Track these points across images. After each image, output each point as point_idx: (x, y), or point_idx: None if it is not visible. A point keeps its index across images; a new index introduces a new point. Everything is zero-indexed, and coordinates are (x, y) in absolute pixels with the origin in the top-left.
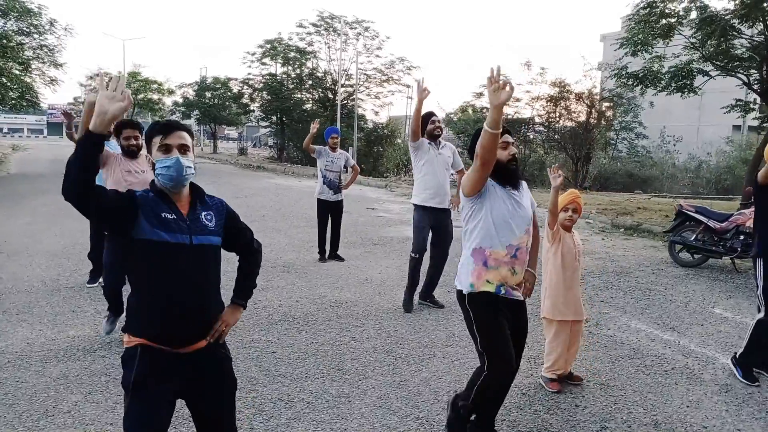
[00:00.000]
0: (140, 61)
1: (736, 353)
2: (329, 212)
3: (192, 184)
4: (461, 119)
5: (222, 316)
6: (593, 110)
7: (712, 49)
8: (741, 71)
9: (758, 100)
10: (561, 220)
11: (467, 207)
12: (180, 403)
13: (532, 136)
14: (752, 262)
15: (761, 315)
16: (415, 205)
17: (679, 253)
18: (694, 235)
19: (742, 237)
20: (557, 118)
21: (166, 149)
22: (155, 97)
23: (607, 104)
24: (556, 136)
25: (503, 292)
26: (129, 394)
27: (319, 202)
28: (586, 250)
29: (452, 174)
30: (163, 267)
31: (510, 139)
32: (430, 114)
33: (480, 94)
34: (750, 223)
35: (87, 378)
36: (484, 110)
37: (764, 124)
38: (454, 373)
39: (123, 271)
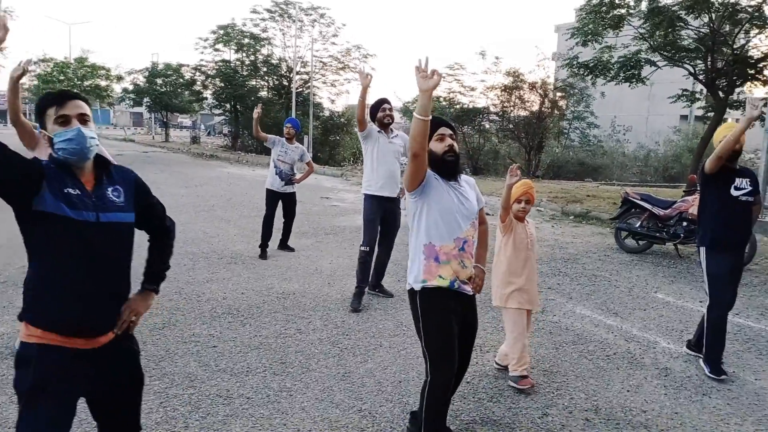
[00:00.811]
0: (89, 46)
1: (689, 341)
2: (278, 204)
3: (97, 157)
4: None
5: (130, 304)
6: (546, 100)
7: (660, 40)
8: (687, 62)
9: (704, 90)
10: (514, 211)
11: (412, 202)
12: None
13: (487, 126)
14: (697, 250)
15: (707, 304)
16: (365, 194)
17: (624, 239)
18: (639, 222)
19: (684, 223)
20: (511, 108)
21: (64, 120)
22: (103, 83)
23: (560, 94)
24: (510, 126)
25: (456, 286)
26: (24, 400)
27: (268, 192)
28: (537, 237)
29: (403, 163)
30: (66, 246)
31: (447, 131)
32: (382, 101)
33: None
34: (692, 210)
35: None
36: (440, 98)
37: (709, 114)
38: (400, 363)
39: None
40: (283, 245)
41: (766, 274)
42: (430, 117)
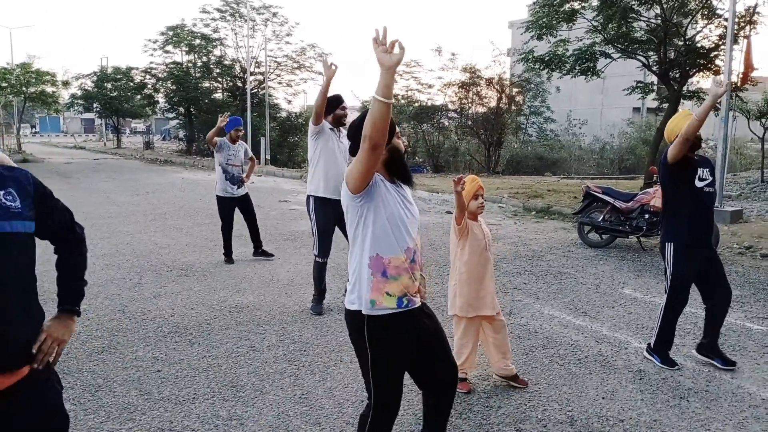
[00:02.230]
0: (35, 51)
1: (649, 343)
2: (234, 210)
3: None
4: None
5: (47, 330)
6: (503, 95)
7: (613, 32)
8: (640, 53)
9: (657, 81)
10: (473, 209)
11: (354, 207)
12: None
13: (447, 123)
14: (660, 246)
15: (665, 299)
16: (314, 197)
17: (588, 234)
18: (602, 216)
19: (647, 216)
20: (469, 104)
21: None
22: (49, 89)
23: (516, 89)
24: (469, 122)
25: (405, 303)
26: None
27: (222, 200)
28: (499, 235)
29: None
30: None
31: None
32: (340, 98)
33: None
34: (654, 202)
35: None
36: (398, 96)
37: (662, 105)
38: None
39: None
40: (259, 252)
41: (729, 264)
42: (393, 100)
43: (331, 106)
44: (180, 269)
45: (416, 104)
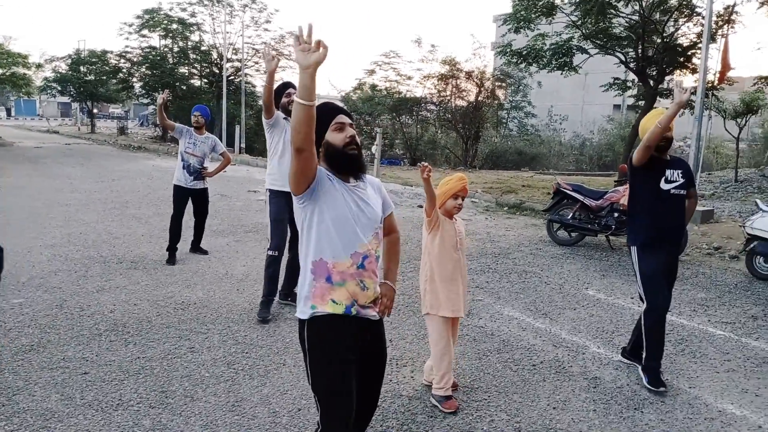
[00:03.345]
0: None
1: (624, 348)
2: (187, 201)
3: None
4: (361, 98)
5: None
6: (483, 89)
7: (591, 28)
8: (619, 50)
9: (635, 78)
10: (449, 208)
11: (300, 208)
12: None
13: (428, 115)
14: (628, 249)
15: (644, 306)
16: (270, 190)
17: (557, 231)
18: (571, 214)
19: (616, 214)
20: (448, 97)
21: None
22: (21, 71)
23: (497, 83)
24: (448, 115)
25: (354, 312)
26: None
27: (176, 189)
28: (469, 230)
29: None
30: None
31: (346, 119)
32: (286, 85)
33: (372, 71)
34: (624, 201)
35: None
36: (377, 87)
37: (639, 102)
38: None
39: None
40: (195, 247)
41: (697, 265)
42: (315, 102)
43: (278, 95)
44: (130, 261)
45: (396, 95)
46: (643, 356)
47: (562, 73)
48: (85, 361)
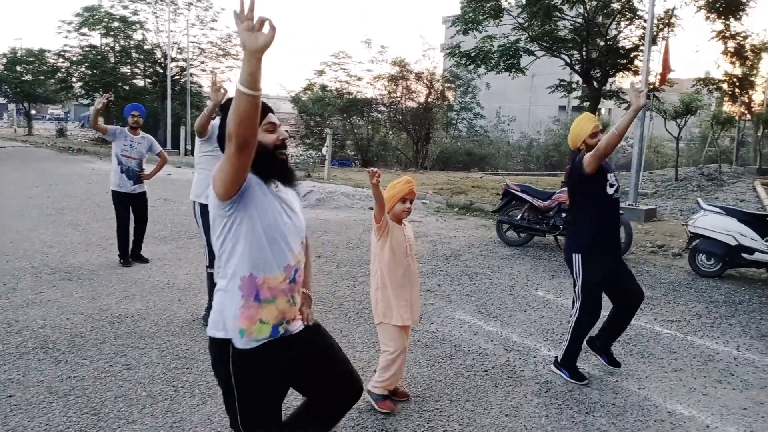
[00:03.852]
0: None
1: (557, 357)
2: (130, 207)
3: None
4: (311, 98)
5: None
6: (433, 90)
7: (537, 30)
8: (564, 52)
9: (580, 80)
10: (398, 212)
11: (222, 217)
12: None
13: (378, 117)
14: (566, 257)
15: (576, 313)
16: (199, 203)
17: (506, 232)
18: (520, 215)
19: (563, 215)
20: (399, 98)
21: None
22: None
23: (447, 85)
24: (399, 117)
25: (281, 333)
26: None
27: (116, 195)
28: (420, 232)
29: None
30: None
31: (276, 119)
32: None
33: (321, 72)
34: None
35: None
36: (327, 88)
37: (584, 104)
38: None
39: None
40: (136, 255)
41: (642, 263)
42: (261, 91)
43: (224, 111)
44: (65, 272)
45: (345, 96)
46: (561, 356)
47: (509, 75)
48: (10, 382)
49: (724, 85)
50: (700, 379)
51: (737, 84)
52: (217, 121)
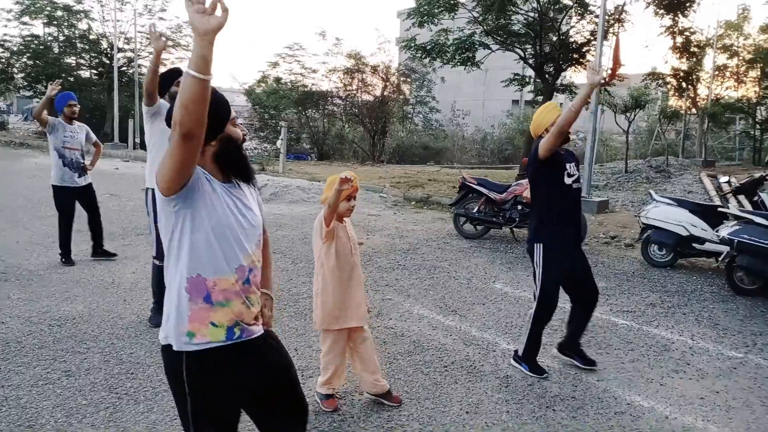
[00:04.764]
0: None
1: (516, 351)
2: (77, 201)
3: None
4: (265, 91)
5: None
6: (388, 84)
7: (492, 24)
8: (518, 46)
9: (534, 75)
10: (342, 210)
11: (168, 213)
12: None
13: (334, 110)
14: (528, 247)
15: (535, 305)
16: (152, 190)
17: (463, 225)
18: (477, 207)
19: (519, 207)
20: (355, 91)
21: None
22: None
23: (402, 78)
24: (355, 110)
25: (237, 335)
26: None
27: (61, 190)
28: (377, 226)
29: None
30: None
31: (235, 113)
32: (176, 72)
33: (275, 64)
34: (526, 193)
35: None
36: (281, 80)
37: (537, 98)
38: None
39: None
40: (99, 251)
41: (596, 254)
42: (212, 76)
43: (167, 81)
44: (1, 272)
45: (301, 88)
46: (521, 349)
47: (464, 69)
48: None
49: (672, 80)
50: (657, 370)
51: (683, 79)
52: (165, 102)
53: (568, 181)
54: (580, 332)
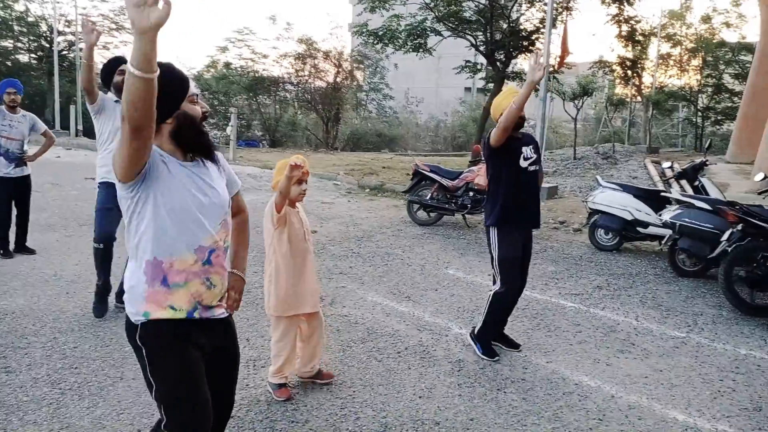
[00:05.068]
0: None
1: (474, 328)
2: (11, 192)
3: None
4: (214, 76)
5: None
6: (341, 70)
7: (443, 10)
8: (469, 33)
9: (485, 62)
10: (294, 195)
11: (126, 199)
12: None
13: (286, 96)
14: (485, 230)
15: (497, 287)
16: (104, 183)
17: (416, 212)
18: (430, 194)
19: (471, 193)
20: (307, 77)
21: None
22: None
23: (355, 65)
24: (307, 96)
25: (198, 315)
26: None
27: None
28: (332, 214)
29: None
30: None
31: (197, 90)
32: (117, 60)
33: (224, 49)
34: (478, 180)
35: None
36: (231, 65)
37: (489, 85)
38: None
39: None
40: (21, 247)
41: (546, 239)
42: (157, 72)
43: (108, 73)
44: None
45: (251, 74)
46: (478, 328)
47: (417, 55)
48: None
49: (617, 68)
50: (603, 350)
51: (629, 67)
52: (109, 95)
53: (524, 164)
54: (504, 320)
